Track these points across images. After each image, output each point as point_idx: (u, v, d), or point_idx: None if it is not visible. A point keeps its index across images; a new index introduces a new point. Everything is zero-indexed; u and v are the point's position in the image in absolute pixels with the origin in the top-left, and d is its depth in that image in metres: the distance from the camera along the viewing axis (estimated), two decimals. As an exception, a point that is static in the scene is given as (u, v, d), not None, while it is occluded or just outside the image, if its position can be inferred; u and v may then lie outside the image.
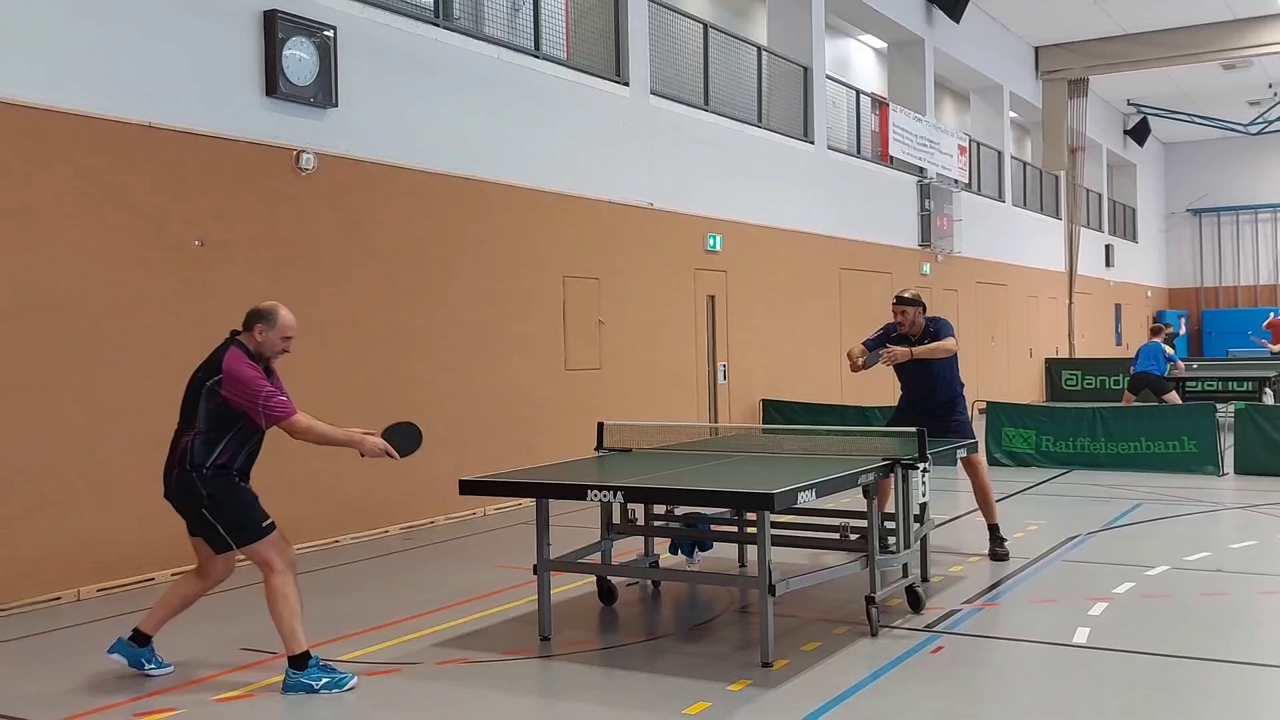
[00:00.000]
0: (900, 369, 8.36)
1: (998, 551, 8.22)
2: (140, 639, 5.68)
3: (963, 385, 8.44)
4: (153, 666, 5.70)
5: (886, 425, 8.45)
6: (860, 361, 8.17)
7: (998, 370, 24.19)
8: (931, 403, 8.23)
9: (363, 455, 5.60)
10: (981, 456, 8.35)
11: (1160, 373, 17.90)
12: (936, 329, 8.26)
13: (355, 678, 5.47)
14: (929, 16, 21.32)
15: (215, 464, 5.43)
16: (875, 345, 8.38)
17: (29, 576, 7.33)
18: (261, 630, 6.62)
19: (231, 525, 5.43)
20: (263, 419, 5.38)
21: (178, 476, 5.44)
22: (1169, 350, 18.19)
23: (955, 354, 8.28)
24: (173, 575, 8.10)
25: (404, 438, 5.66)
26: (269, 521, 5.47)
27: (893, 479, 6.57)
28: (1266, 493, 11.15)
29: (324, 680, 5.37)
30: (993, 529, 8.34)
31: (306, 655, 5.41)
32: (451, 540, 9.45)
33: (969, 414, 8.48)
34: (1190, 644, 5.89)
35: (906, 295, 8.31)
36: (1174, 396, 17.68)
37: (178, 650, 6.23)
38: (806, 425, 13.04)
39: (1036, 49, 27.11)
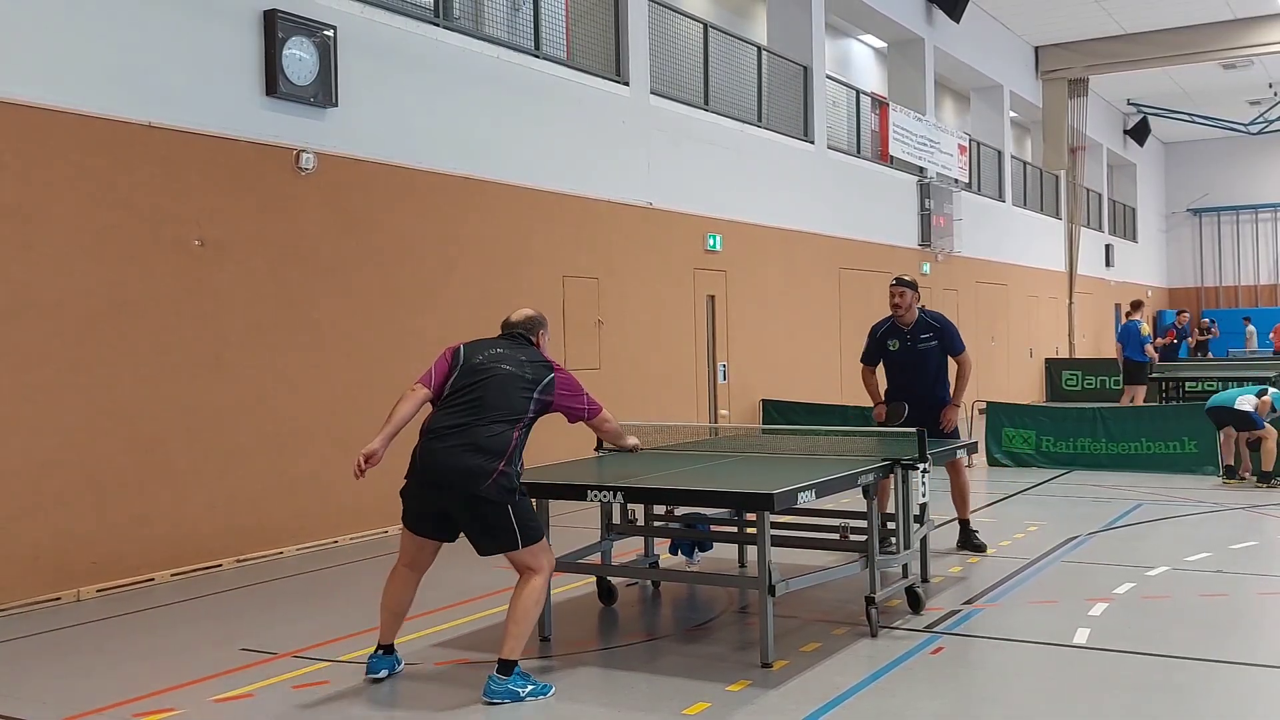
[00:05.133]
0: (895, 364, 8.35)
1: (976, 541, 8.43)
2: (388, 650, 5.64)
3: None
4: (400, 667, 5.73)
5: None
6: (885, 411, 8.24)
7: (998, 370, 24.18)
8: (925, 402, 8.25)
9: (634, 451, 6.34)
10: (963, 458, 8.40)
11: (1137, 357, 17.57)
12: (941, 330, 8.31)
13: (554, 687, 5.35)
14: (929, 16, 21.32)
15: (521, 463, 5.48)
16: (875, 357, 8.42)
17: (28, 576, 7.32)
18: (260, 630, 6.63)
19: (526, 524, 5.35)
20: (585, 414, 5.73)
21: (500, 470, 5.26)
22: (1145, 329, 17.58)
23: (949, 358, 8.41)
24: (172, 575, 8.10)
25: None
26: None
27: (892, 479, 6.58)
28: (1267, 493, 11.14)
29: (530, 688, 5.23)
30: (964, 524, 8.53)
31: (515, 663, 5.26)
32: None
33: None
34: (1190, 645, 5.88)
35: (905, 277, 8.37)
36: (1138, 394, 17.42)
37: (176, 650, 6.23)
38: (806, 425, 13.03)
39: (1036, 48, 27.11)
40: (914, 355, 8.28)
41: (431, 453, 5.30)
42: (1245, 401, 11.37)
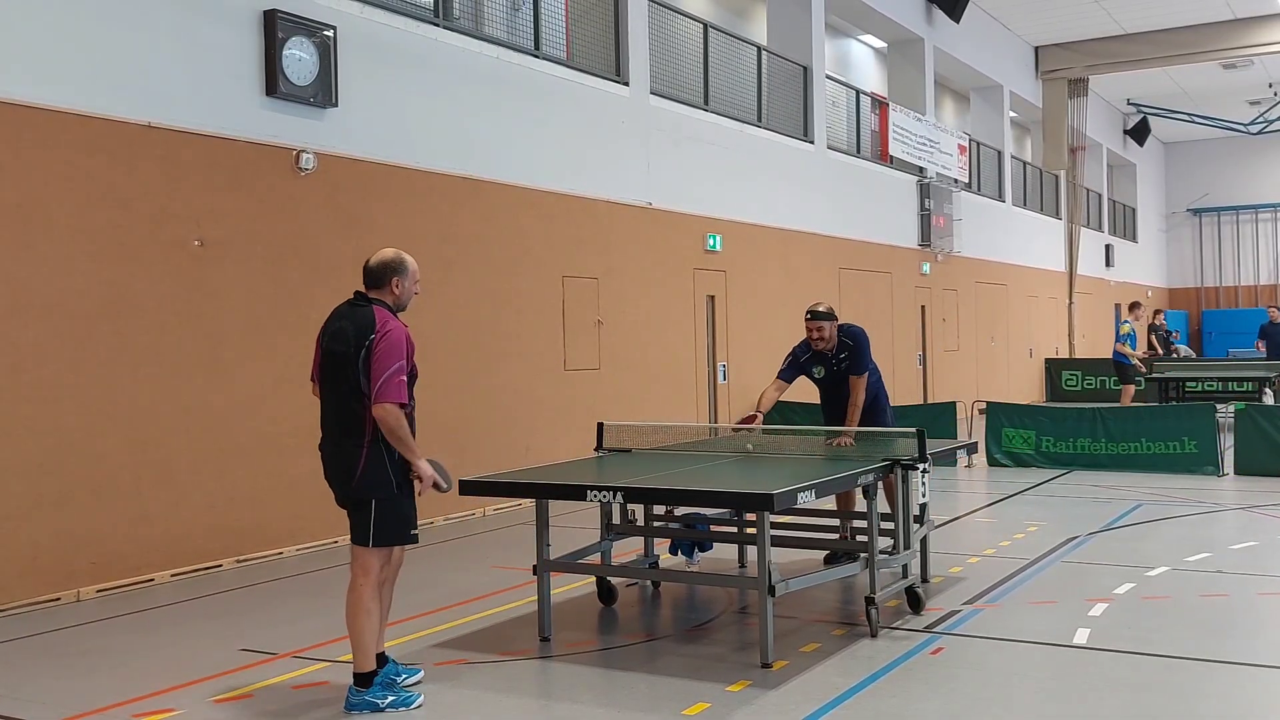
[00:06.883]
0: (826, 389, 8.04)
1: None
2: (379, 659, 5.31)
3: (883, 388, 8.15)
4: (406, 677, 5.41)
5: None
6: (766, 411, 7.67)
7: (998, 370, 24.19)
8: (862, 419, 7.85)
9: (417, 479, 5.09)
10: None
11: (1115, 357, 17.59)
12: (853, 348, 7.84)
13: (421, 696, 5.23)
14: (929, 16, 21.32)
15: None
16: (791, 375, 7.96)
17: (27, 577, 7.32)
18: (260, 630, 6.62)
19: (383, 525, 5.07)
20: (378, 388, 4.88)
21: (366, 458, 4.99)
22: (1124, 329, 17.44)
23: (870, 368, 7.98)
24: (172, 576, 8.10)
25: (442, 472, 5.20)
26: (415, 532, 5.19)
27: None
28: (1266, 493, 11.14)
29: (390, 699, 5.13)
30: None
31: (373, 674, 5.16)
32: (450, 540, 9.44)
33: (891, 416, 8.21)
34: (1190, 645, 5.88)
35: (821, 309, 7.84)
36: (1126, 394, 17.47)
37: (176, 650, 6.23)
38: (806, 425, 13.01)
39: (1036, 48, 27.11)
40: (840, 376, 7.94)
41: (321, 451, 5.24)
42: None
